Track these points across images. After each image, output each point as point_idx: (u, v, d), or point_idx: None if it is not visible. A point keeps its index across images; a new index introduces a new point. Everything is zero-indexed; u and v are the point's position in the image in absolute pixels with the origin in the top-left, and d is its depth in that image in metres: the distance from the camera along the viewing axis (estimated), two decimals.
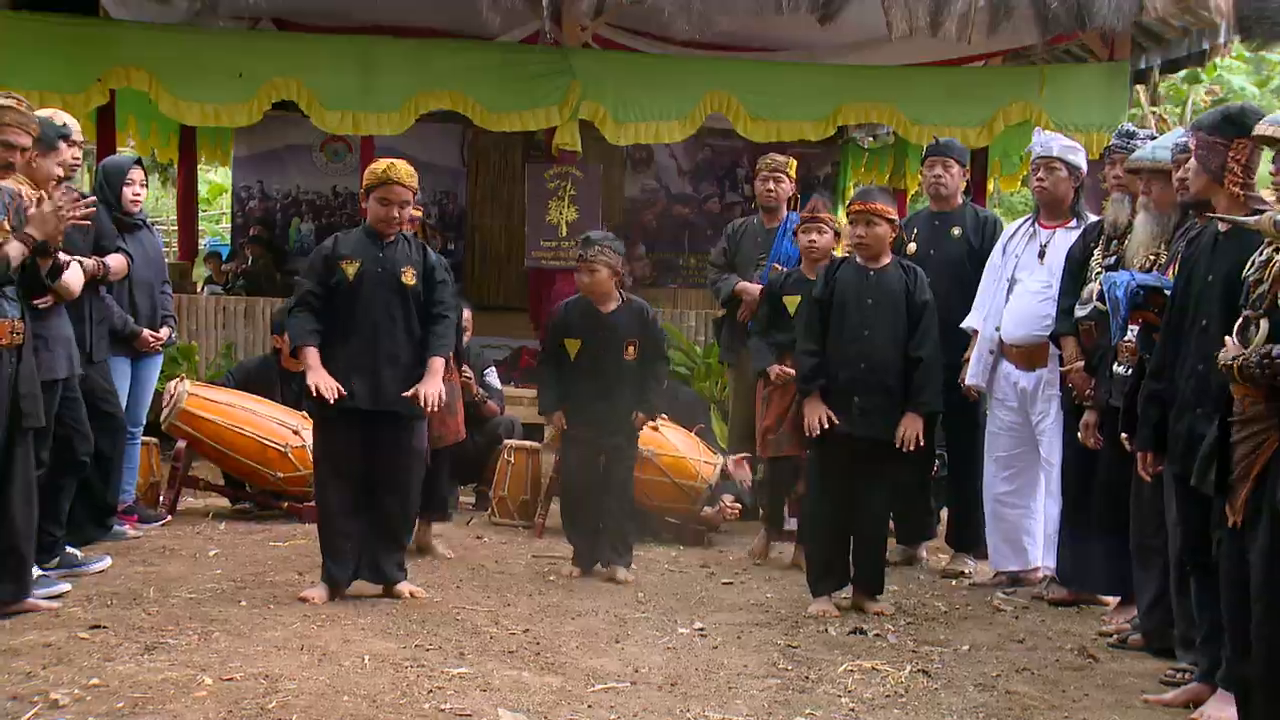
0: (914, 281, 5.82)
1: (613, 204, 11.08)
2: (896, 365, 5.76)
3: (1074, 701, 4.65)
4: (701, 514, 7.36)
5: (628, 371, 6.32)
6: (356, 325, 5.67)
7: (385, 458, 5.74)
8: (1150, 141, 5.47)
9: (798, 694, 4.62)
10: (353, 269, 5.66)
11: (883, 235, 5.83)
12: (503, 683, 4.57)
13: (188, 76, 8.55)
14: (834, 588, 5.87)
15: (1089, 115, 8.65)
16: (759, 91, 8.94)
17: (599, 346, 6.30)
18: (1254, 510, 4.02)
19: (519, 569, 6.51)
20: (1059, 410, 6.02)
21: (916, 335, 5.76)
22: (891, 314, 5.79)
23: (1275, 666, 4.01)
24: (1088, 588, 5.95)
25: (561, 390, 6.37)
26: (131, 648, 4.87)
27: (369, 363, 5.66)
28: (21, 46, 8.20)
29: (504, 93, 8.70)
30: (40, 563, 5.75)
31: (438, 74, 8.68)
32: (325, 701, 4.26)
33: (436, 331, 5.77)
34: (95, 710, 4.16)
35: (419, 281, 5.74)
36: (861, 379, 5.76)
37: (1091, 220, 5.95)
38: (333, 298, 5.66)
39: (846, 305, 5.84)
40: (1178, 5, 8.25)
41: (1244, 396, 4.02)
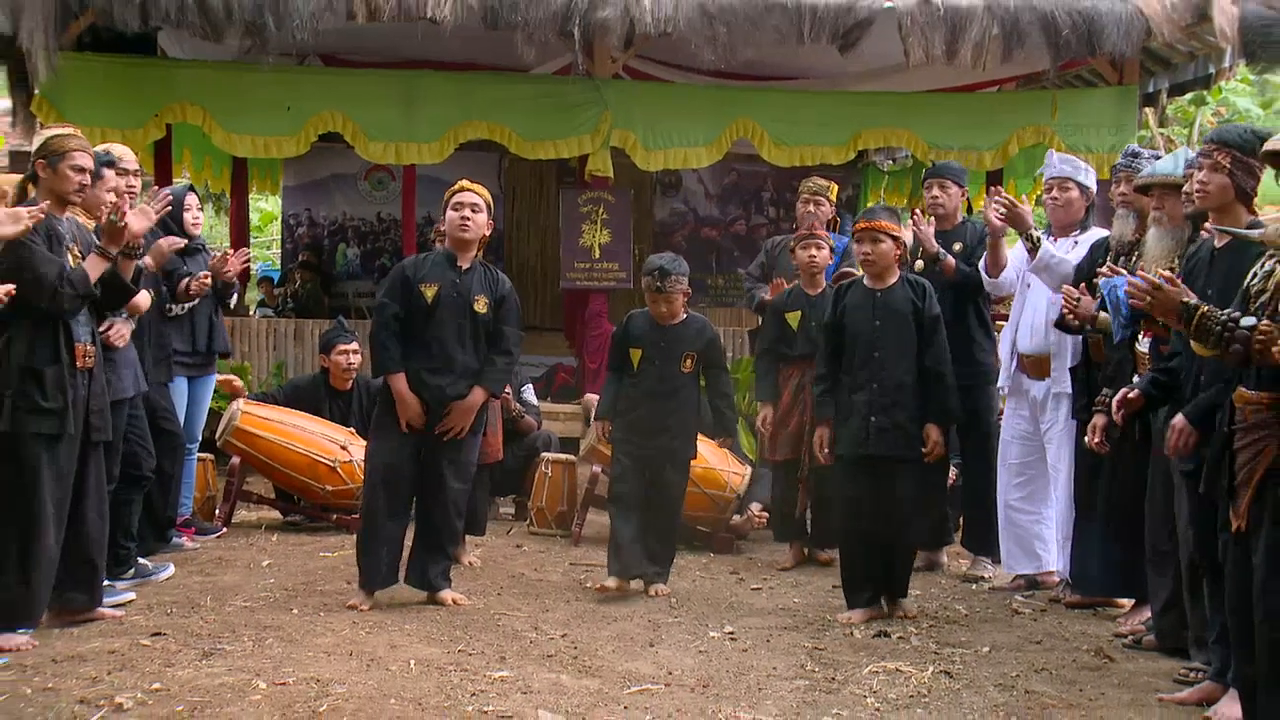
0: (921, 297, 5.78)
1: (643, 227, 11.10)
2: (908, 382, 5.72)
3: (1091, 700, 4.63)
4: (731, 522, 7.36)
5: (683, 383, 6.29)
6: (427, 344, 5.71)
7: (436, 471, 5.76)
8: (1155, 160, 5.46)
9: (824, 695, 4.61)
10: (431, 292, 5.71)
11: (887, 252, 5.77)
12: (542, 685, 4.58)
13: (239, 111, 8.64)
14: (868, 602, 5.79)
15: (1100, 137, 8.63)
16: (782, 118, 8.95)
17: (659, 356, 6.25)
18: (1256, 515, 4.01)
19: (556, 576, 6.52)
20: (1067, 418, 6.00)
21: (929, 349, 5.75)
22: (899, 332, 5.74)
23: (1277, 667, 4.01)
24: (1102, 591, 5.92)
25: (618, 398, 6.29)
26: (190, 654, 4.90)
27: (436, 381, 5.70)
28: (85, 85, 8.29)
29: (539, 122, 8.74)
30: (116, 574, 5.82)
31: (476, 105, 8.72)
32: (373, 705, 4.28)
33: (497, 364, 5.82)
34: (157, 714, 4.19)
35: (490, 310, 5.78)
36: (875, 400, 5.71)
37: (1100, 236, 5.93)
38: (414, 315, 5.71)
39: (856, 328, 5.82)
40: (1184, 31, 8.22)
41: (1245, 405, 4.01)
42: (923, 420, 5.72)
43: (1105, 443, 5.36)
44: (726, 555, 7.20)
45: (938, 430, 5.71)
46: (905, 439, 5.70)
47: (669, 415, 6.24)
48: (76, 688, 4.45)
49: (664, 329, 6.26)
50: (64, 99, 8.13)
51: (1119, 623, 5.68)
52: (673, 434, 6.26)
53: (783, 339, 6.91)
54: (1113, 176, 5.95)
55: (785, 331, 6.90)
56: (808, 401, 6.79)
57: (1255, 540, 4.03)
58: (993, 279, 6.42)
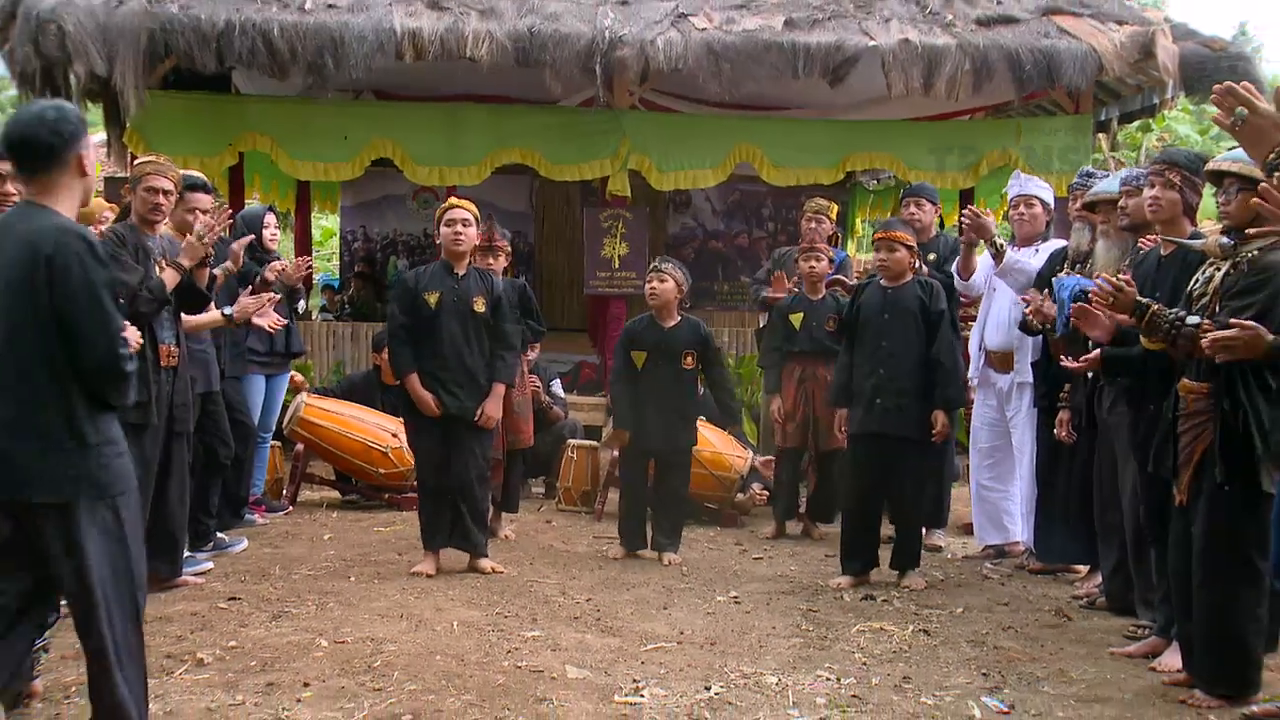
0: (929, 295, 5.79)
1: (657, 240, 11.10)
2: (911, 370, 5.71)
3: (1051, 654, 4.64)
4: (735, 500, 7.36)
5: (687, 378, 6.30)
6: (437, 344, 5.77)
7: (461, 453, 5.79)
8: (1104, 180, 5.46)
9: (817, 651, 4.63)
10: (433, 299, 5.75)
11: (902, 258, 5.81)
12: (569, 643, 4.61)
13: (302, 140, 8.67)
14: (859, 570, 5.78)
15: (1059, 160, 8.60)
16: (779, 144, 8.95)
17: (661, 356, 6.26)
18: (1195, 490, 4.03)
19: (581, 548, 6.54)
20: (1029, 407, 6.00)
21: (935, 342, 5.74)
22: (906, 326, 5.75)
23: (1212, 625, 4.03)
24: (1061, 559, 5.92)
25: (631, 403, 6.27)
26: (261, 616, 4.94)
27: (449, 377, 5.75)
28: (168, 119, 8.34)
29: (565, 148, 8.75)
30: (197, 547, 5.87)
31: (510, 133, 8.73)
32: (421, 660, 4.31)
33: (504, 359, 5.88)
34: (233, 668, 4.24)
35: (488, 309, 5.82)
36: (881, 384, 5.75)
37: (1058, 246, 5.93)
38: (419, 322, 5.75)
39: (868, 321, 5.87)
40: (1132, 66, 8.21)
41: (1188, 394, 4.02)
42: (925, 404, 5.72)
43: (1072, 433, 5.37)
44: (731, 529, 7.20)
45: (943, 415, 5.71)
46: (907, 420, 5.71)
47: (673, 407, 6.26)
48: (164, 644, 4.49)
49: (664, 331, 6.27)
50: (151, 131, 8.18)
51: (1076, 586, 5.70)
52: (677, 424, 6.28)
53: (787, 337, 6.92)
54: (1070, 194, 5.97)
55: (789, 330, 6.90)
56: (811, 393, 6.82)
57: (1194, 512, 4.05)
58: (964, 281, 6.43)
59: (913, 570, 5.80)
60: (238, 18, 7.72)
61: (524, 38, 7.94)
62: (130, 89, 7.65)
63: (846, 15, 8.39)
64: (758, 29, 8.19)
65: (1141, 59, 8.19)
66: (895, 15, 8.39)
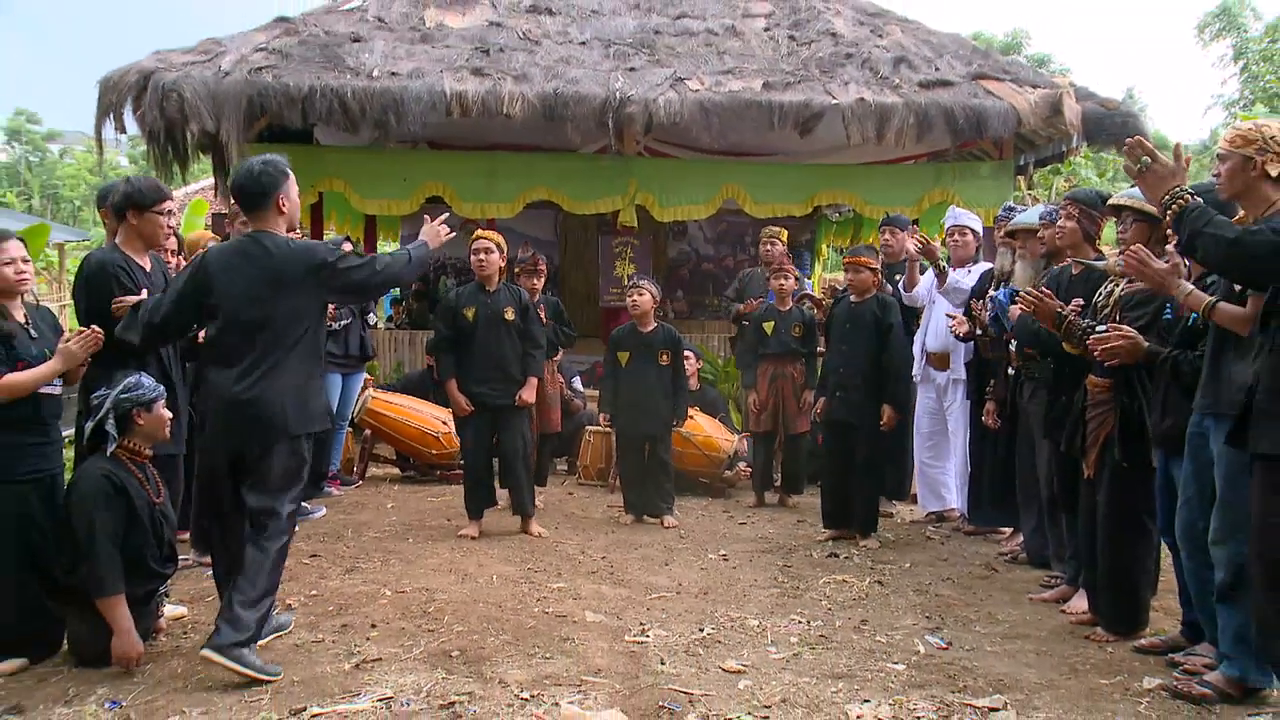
0: (883, 310, 5.81)
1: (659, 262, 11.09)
2: (864, 370, 5.75)
3: (981, 600, 4.65)
4: (723, 476, 7.36)
5: (664, 373, 6.32)
6: (478, 349, 5.80)
7: (509, 432, 5.84)
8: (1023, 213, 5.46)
9: (791, 598, 4.63)
10: (471, 313, 5.79)
11: (865, 278, 5.87)
12: (588, 593, 4.62)
13: (369, 182, 8.68)
14: (836, 525, 5.85)
15: (986, 197, 8.58)
16: (759, 183, 8.94)
17: (641, 356, 6.31)
18: (1100, 467, 4.04)
19: (597, 515, 6.55)
20: (963, 399, 6.00)
21: (885, 350, 5.76)
22: (863, 334, 5.79)
23: (1113, 574, 4.07)
24: (989, 522, 5.91)
25: (616, 392, 6.34)
26: (337, 570, 4.96)
27: (488, 374, 5.79)
28: None
29: (583, 188, 8.75)
30: None
31: (538, 176, 8.74)
32: (466, 606, 4.33)
33: (534, 356, 5.91)
34: (315, 611, 4.26)
35: (518, 317, 5.85)
36: (841, 380, 5.83)
37: (987, 267, 5.93)
38: (460, 333, 5.78)
39: (836, 329, 5.98)
40: (1044, 121, 8.21)
41: (1094, 388, 4.03)
42: (876, 398, 5.74)
43: (997, 420, 5.37)
44: (720, 499, 7.19)
45: (890, 409, 5.73)
46: (859, 410, 5.75)
47: (652, 396, 6.30)
48: None
49: (643, 335, 6.34)
50: None
51: (1001, 545, 5.69)
52: (658, 407, 6.31)
53: (761, 341, 6.93)
54: (996, 224, 5.95)
55: (763, 336, 6.91)
56: (781, 388, 6.82)
57: (1099, 485, 4.06)
58: (908, 293, 6.42)
59: (870, 533, 5.80)
60: (318, 84, 7.75)
61: (550, 98, 7.95)
62: (233, 143, 7.68)
63: (813, 79, 8.39)
64: (741, 90, 8.18)
65: (1051, 115, 8.19)
66: (853, 79, 8.38)
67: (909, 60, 8.65)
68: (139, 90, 7.65)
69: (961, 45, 9.36)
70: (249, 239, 3.75)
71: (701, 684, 3.50)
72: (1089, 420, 4.06)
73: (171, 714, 3.21)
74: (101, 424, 3.68)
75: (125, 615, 3.54)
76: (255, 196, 3.75)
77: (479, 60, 8.31)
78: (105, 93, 7.69)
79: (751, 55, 8.76)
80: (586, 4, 9.46)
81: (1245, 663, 3.41)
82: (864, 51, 8.77)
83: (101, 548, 3.52)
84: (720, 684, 3.52)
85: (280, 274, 3.65)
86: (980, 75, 8.55)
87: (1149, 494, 3.94)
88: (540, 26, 9.00)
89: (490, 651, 3.77)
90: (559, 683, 3.48)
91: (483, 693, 3.37)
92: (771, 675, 3.60)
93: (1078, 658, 3.86)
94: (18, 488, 3.60)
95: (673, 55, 8.66)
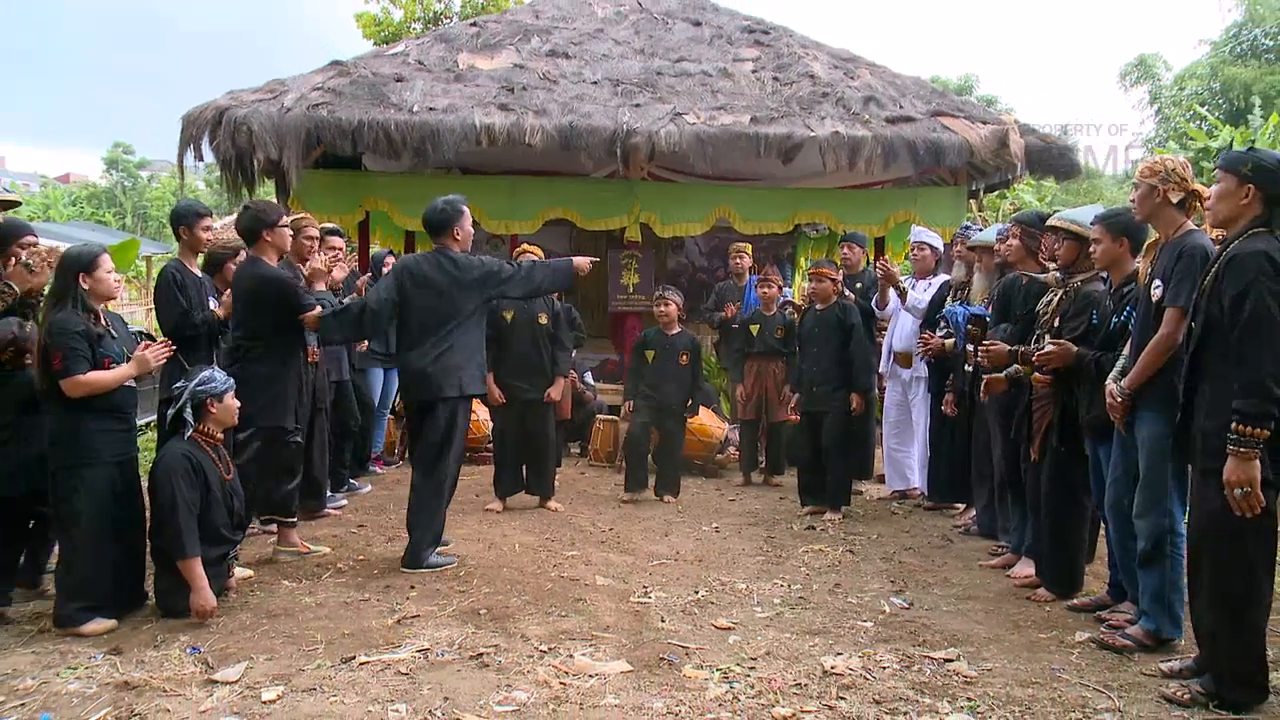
0: (844, 314, 5.82)
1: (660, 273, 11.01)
2: (830, 368, 5.76)
3: (939, 566, 4.65)
4: (716, 459, 7.36)
5: (682, 372, 6.34)
6: (514, 348, 5.80)
7: (533, 425, 5.81)
8: (978, 231, 5.46)
9: (774, 565, 4.64)
10: (510, 316, 5.78)
11: (827, 288, 5.88)
12: (598, 560, 4.63)
13: (410, 202, 8.60)
14: (814, 501, 5.86)
15: (943, 217, 8.55)
16: (747, 204, 8.89)
17: (665, 355, 6.33)
18: (1043, 452, 4.04)
19: (606, 492, 6.55)
20: (925, 392, 6.00)
21: (847, 346, 5.76)
22: (825, 335, 5.80)
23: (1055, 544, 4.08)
24: (946, 499, 5.91)
25: (638, 384, 6.36)
26: (380, 538, 4.98)
27: (522, 371, 5.78)
28: (319, 189, 8.35)
29: (595, 207, 8.73)
30: (337, 489, 5.90)
31: (555, 197, 8.71)
32: (493, 570, 4.35)
33: (561, 359, 5.91)
34: (361, 574, 4.28)
35: (549, 321, 5.83)
36: (812, 376, 5.84)
37: (945, 279, 5.93)
38: (499, 333, 5.77)
39: (806, 332, 5.97)
40: (992, 153, 8.19)
41: (1038, 384, 4.04)
42: (842, 390, 5.74)
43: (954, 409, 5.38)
44: (714, 479, 7.20)
45: (858, 396, 5.73)
46: (828, 401, 5.75)
47: (671, 390, 6.30)
48: (315, 557, 4.54)
49: (669, 338, 6.33)
50: (307, 198, 8.18)
51: (956, 519, 5.69)
52: (674, 401, 6.32)
53: (747, 341, 6.93)
54: (953, 241, 5.95)
55: (749, 336, 6.91)
56: (764, 382, 6.82)
57: (1042, 467, 4.07)
58: (880, 310, 6.44)
59: (842, 507, 5.81)
60: (367, 118, 7.76)
61: (566, 129, 7.94)
62: (293, 169, 7.70)
63: (794, 114, 8.37)
64: (731, 123, 8.17)
65: (999, 148, 8.16)
66: (828, 115, 8.36)
67: (877, 99, 8.63)
68: (214, 124, 7.66)
69: (922, 86, 9.34)
70: (436, 253, 4.55)
71: (696, 639, 3.52)
72: (1034, 412, 4.07)
73: (240, 659, 3.25)
74: (181, 411, 3.72)
75: (201, 574, 3.58)
76: (439, 225, 4.56)
77: (505, 97, 8.30)
78: (186, 126, 7.73)
79: (741, 94, 8.74)
80: (598, 49, 9.45)
81: (1160, 618, 3.44)
82: (838, 91, 8.75)
83: (181, 516, 3.55)
84: (712, 639, 3.53)
85: (458, 280, 4.44)
86: (938, 112, 8.53)
87: (1083, 474, 3.96)
88: (558, 68, 8.99)
89: (514, 610, 3.79)
90: (573, 637, 3.50)
91: (507, 645, 3.39)
92: (757, 631, 3.62)
93: (1020, 615, 3.88)
94: (106, 469, 3.63)
95: (672, 93, 8.65)
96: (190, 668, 3.19)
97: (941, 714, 2.91)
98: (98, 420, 3.61)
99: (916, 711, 2.92)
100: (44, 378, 3.56)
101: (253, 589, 4.03)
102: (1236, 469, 2.78)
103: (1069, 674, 3.25)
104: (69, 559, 3.60)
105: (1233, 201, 2.97)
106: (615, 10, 10.32)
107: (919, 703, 2.99)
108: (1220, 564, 2.93)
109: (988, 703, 3.00)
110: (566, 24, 9.89)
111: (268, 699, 2.92)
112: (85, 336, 3.56)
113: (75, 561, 3.57)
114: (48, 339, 3.54)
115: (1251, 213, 2.95)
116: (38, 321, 3.77)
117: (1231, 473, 2.79)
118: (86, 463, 3.58)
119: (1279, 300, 2.76)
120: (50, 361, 3.52)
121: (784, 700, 2.98)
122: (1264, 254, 2.81)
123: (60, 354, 3.51)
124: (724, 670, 3.20)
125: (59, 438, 3.58)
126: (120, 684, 3.04)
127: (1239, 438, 2.77)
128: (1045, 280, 4.27)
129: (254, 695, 2.95)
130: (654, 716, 2.85)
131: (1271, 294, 2.76)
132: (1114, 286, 3.77)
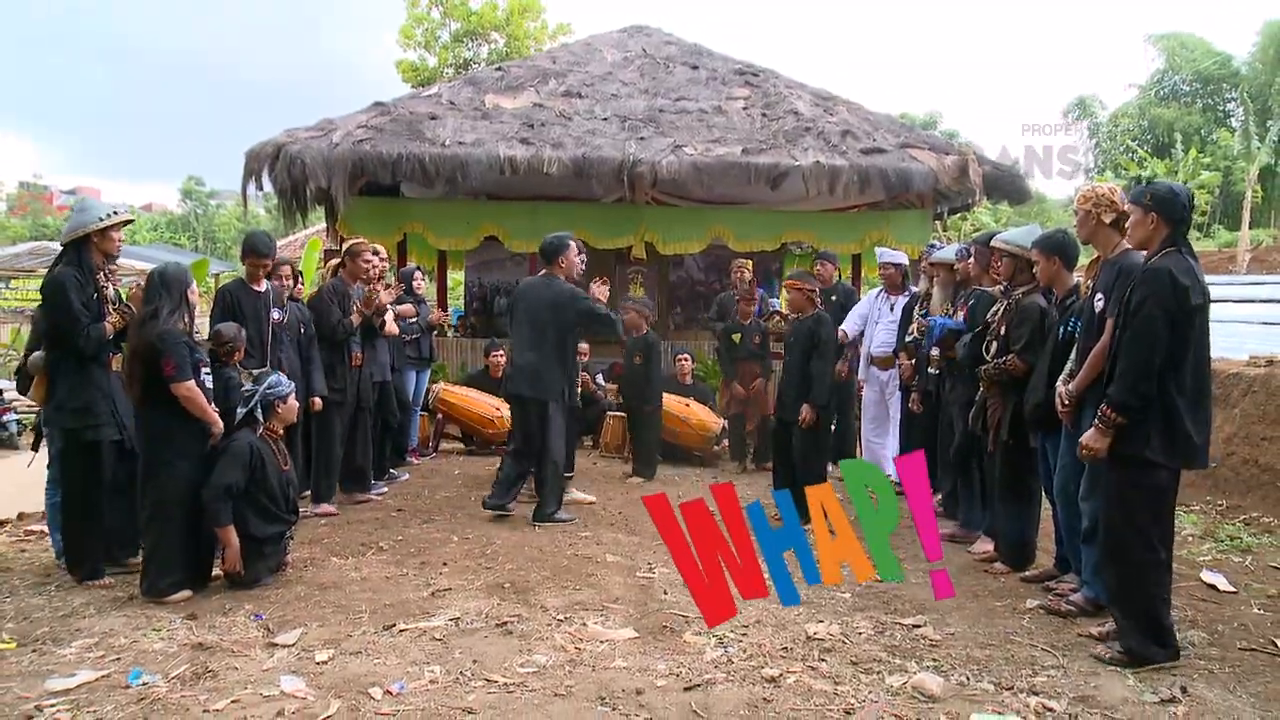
0: (816, 326, 5.41)
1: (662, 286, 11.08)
2: (797, 377, 5.37)
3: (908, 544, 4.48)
4: (712, 450, 7.38)
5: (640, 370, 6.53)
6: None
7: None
8: (941, 250, 5.48)
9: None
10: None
11: (800, 299, 5.49)
12: (608, 540, 4.64)
13: (441, 225, 8.72)
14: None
15: (912, 236, 8.57)
16: (740, 225, 8.93)
17: (627, 355, 6.54)
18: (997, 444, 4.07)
19: (615, 479, 6.56)
20: (899, 391, 6.00)
21: (812, 359, 5.35)
22: (799, 344, 5.43)
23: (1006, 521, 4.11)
24: None
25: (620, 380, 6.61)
26: (416, 520, 5.00)
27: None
28: (362, 214, 8.41)
29: (605, 229, 8.77)
30: (378, 478, 5.91)
31: (570, 219, 8.70)
32: (515, 549, 4.36)
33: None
34: (400, 552, 4.30)
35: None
36: (783, 385, 5.58)
37: (914, 292, 5.95)
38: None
39: (787, 340, 5.72)
40: (954, 181, 8.20)
41: (989, 385, 4.06)
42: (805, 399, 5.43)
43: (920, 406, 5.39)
44: (710, 467, 7.20)
45: (808, 407, 5.24)
46: (794, 409, 5.43)
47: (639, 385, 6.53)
48: (359, 536, 4.57)
49: (634, 339, 6.55)
50: (353, 222, 8.25)
51: None
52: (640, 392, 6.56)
53: (734, 347, 7.01)
54: (920, 258, 5.96)
55: (731, 344, 7.01)
56: (749, 382, 6.88)
57: (997, 457, 4.09)
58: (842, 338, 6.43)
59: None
60: (405, 151, 7.84)
61: (579, 160, 8.00)
62: (340, 196, 7.79)
63: (780, 146, 8.41)
64: (725, 154, 8.21)
65: (960, 176, 8.18)
66: (810, 146, 8.40)
67: (853, 132, 8.65)
68: (273, 158, 7.75)
69: (892, 121, 9.37)
70: (545, 277, 5.03)
71: (694, 609, 3.54)
72: (989, 409, 4.10)
73: (296, 625, 3.29)
74: (252, 410, 3.78)
75: (234, 538, 3.67)
76: (550, 254, 5.06)
77: (526, 132, 8.36)
78: (249, 160, 7.82)
79: (733, 128, 8.78)
80: (607, 90, 9.50)
81: (1099, 588, 3.47)
82: (819, 126, 8.78)
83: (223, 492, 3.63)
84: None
85: (556, 300, 4.90)
86: (907, 144, 8.56)
87: (1032, 463, 3.98)
88: (572, 106, 9.04)
89: (534, 584, 3.81)
90: (586, 608, 3.52)
91: (528, 615, 3.42)
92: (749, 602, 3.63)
93: (979, 586, 3.90)
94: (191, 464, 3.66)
95: (673, 128, 8.69)
96: (254, 632, 3.24)
97: (910, 672, 2.94)
98: (184, 424, 3.64)
99: (888, 670, 2.95)
100: (139, 383, 3.54)
101: (306, 565, 4.07)
102: (1093, 438, 3.00)
103: (1021, 636, 3.27)
104: (156, 540, 3.64)
105: (1143, 228, 3.07)
106: (623, 56, 10.38)
107: (890, 663, 3.01)
108: (1117, 534, 3.00)
109: (950, 662, 3.03)
110: (580, 68, 9.95)
111: (320, 660, 2.96)
112: (188, 346, 3.59)
113: (162, 543, 3.62)
114: (160, 346, 3.50)
115: (1160, 235, 3.02)
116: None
117: (1088, 440, 3.01)
118: (180, 458, 3.62)
119: (1167, 316, 2.86)
120: (162, 367, 3.51)
121: (772, 662, 3.01)
122: (1168, 271, 2.90)
123: (173, 361, 3.51)
124: (719, 637, 3.23)
125: (154, 437, 3.61)
126: (196, 645, 3.10)
127: (1103, 416, 2.94)
128: (994, 294, 4.30)
129: (309, 656, 2.99)
130: (657, 677, 2.88)
131: (1162, 309, 2.86)
132: (1058, 299, 3.80)
